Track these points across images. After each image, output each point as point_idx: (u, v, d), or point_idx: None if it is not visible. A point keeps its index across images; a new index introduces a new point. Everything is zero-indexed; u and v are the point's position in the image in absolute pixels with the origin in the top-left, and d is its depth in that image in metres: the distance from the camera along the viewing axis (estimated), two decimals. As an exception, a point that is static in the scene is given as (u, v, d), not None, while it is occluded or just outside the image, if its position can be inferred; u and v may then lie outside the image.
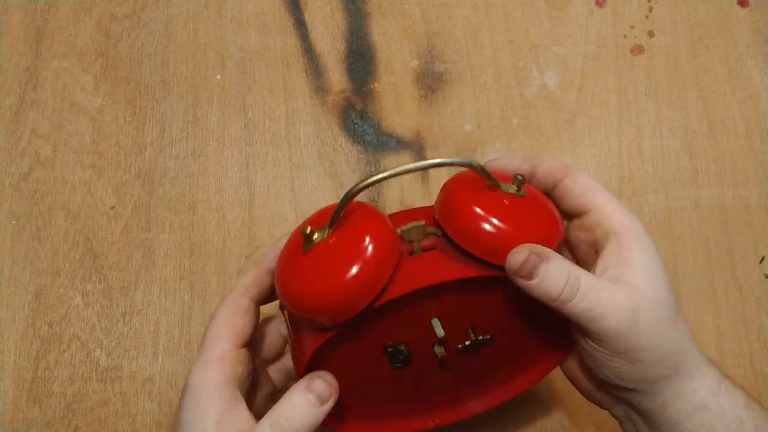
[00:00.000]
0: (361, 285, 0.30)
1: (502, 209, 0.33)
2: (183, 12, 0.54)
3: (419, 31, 0.54)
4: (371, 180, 0.30)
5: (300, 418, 0.32)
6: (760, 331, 0.47)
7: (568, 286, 0.31)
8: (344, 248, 0.31)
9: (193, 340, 0.46)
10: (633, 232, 0.34)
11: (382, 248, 0.31)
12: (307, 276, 0.31)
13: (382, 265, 0.31)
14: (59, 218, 0.49)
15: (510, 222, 0.32)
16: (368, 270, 0.30)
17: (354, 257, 0.30)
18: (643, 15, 0.55)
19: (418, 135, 0.51)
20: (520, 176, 0.34)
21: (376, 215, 0.33)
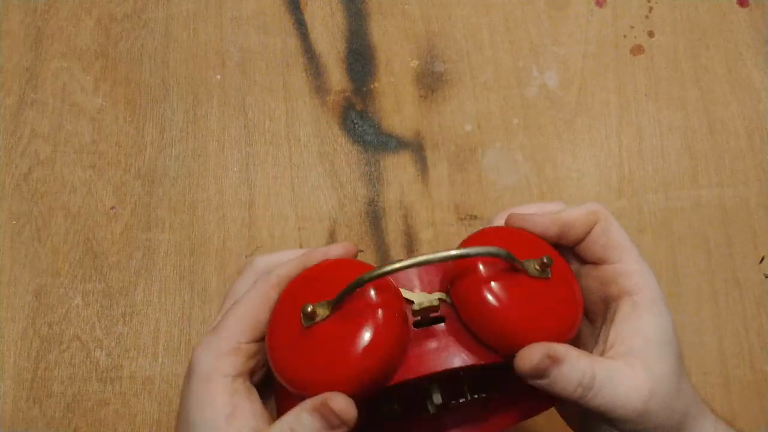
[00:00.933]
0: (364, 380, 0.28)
1: (520, 298, 0.30)
2: (183, 12, 0.54)
3: (419, 31, 0.54)
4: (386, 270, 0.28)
5: None
6: (760, 331, 0.47)
7: (581, 386, 0.30)
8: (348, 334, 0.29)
9: (193, 340, 0.46)
10: (649, 296, 0.32)
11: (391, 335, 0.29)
12: (307, 361, 0.29)
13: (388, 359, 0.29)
14: (59, 218, 0.49)
15: (525, 314, 0.30)
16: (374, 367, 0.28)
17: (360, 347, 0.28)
18: (643, 15, 0.55)
19: (418, 135, 0.51)
20: (547, 259, 0.31)
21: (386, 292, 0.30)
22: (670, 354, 0.32)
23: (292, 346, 0.30)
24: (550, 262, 0.30)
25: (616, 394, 0.30)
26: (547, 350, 0.29)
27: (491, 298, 0.29)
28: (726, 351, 0.47)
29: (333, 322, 0.29)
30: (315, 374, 0.29)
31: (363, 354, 0.28)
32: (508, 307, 0.29)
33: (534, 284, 0.30)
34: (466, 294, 0.30)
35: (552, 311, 0.30)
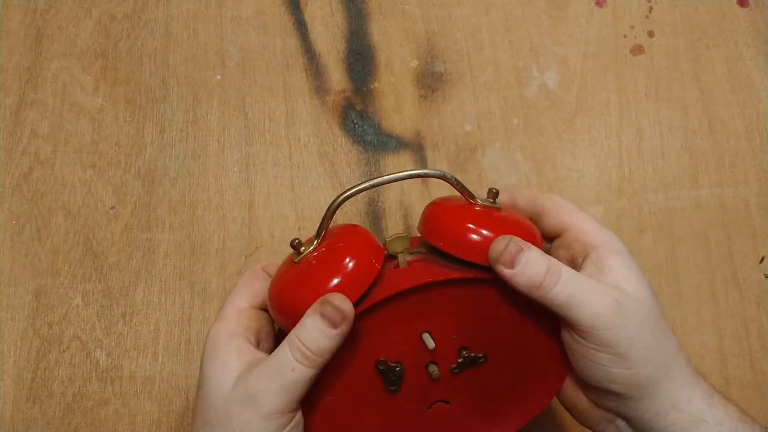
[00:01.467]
0: (342, 288, 0.31)
1: (482, 216, 0.35)
2: (183, 12, 0.54)
3: (419, 31, 0.54)
4: (352, 191, 0.33)
5: (313, 343, 0.31)
6: (760, 331, 0.47)
7: (549, 273, 0.32)
8: (328, 257, 0.33)
9: (193, 340, 0.46)
10: (610, 244, 0.35)
11: (364, 254, 0.32)
12: (293, 285, 0.33)
13: (364, 269, 0.32)
14: (59, 218, 0.49)
15: (490, 225, 0.34)
16: (350, 274, 0.32)
17: (337, 264, 0.32)
18: (643, 15, 0.55)
19: (418, 135, 0.51)
20: (494, 189, 0.36)
21: (362, 231, 0.35)
22: (641, 287, 0.34)
23: (282, 279, 0.34)
24: (497, 191, 0.36)
25: (582, 286, 0.32)
26: (513, 238, 0.33)
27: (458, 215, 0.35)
28: (726, 351, 0.47)
29: (314, 253, 0.34)
30: (295, 295, 0.32)
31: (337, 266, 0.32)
32: (474, 219, 0.34)
33: (490, 210, 0.36)
34: (434, 221, 0.35)
35: (512, 224, 0.35)
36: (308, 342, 0.31)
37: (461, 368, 0.36)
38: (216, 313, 0.47)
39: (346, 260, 0.32)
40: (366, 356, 0.34)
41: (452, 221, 0.35)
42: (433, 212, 0.36)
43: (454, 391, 0.37)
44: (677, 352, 0.34)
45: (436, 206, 0.36)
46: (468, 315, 0.35)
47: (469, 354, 0.35)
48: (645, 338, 0.32)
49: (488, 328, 0.35)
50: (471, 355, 0.35)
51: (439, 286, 0.33)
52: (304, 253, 0.34)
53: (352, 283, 0.32)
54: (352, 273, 0.32)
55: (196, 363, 0.46)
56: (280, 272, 0.35)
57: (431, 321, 0.34)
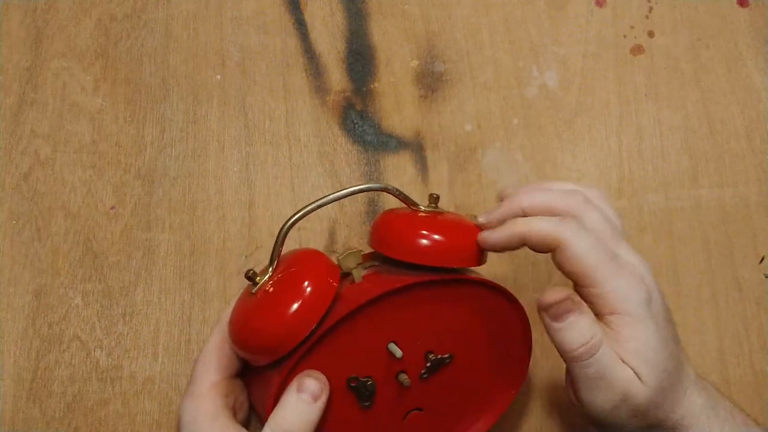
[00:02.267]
0: (302, 311, 0.31)
1: (427, 220, 0.36)
2: (183, 12, 0.54)
3: (419, 31, 0.54)
4: (300, 214, 0.34)
5: (298, 420, 0.31)
6: (760, 331, 0.47)
7: (587, 347, 0.31)
8: (285, 283, 0.32)
9: (192, 340, 0.46)
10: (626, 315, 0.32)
11: (320, 275, 0.32)
12: (254, 317, 0.32)
13: (321, 290, 0.32)
14: (59, 218, 0.49)
15: (435, 227, 0.35)
16: (308, 297, 0.31)
17: (294, 289, 0.32)
18: (643, 15, 0.55)
19: (418, 135, 0.51)
20: (435, 195, 0.37)
21: (315, 253, 0.35)
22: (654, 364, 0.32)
23: (240, 311, 0.34)
24: (438, 197, 0.37)
25: (608, 371, 0.31)
26: (573, 295, 0.31)
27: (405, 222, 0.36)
28: (726, 351, 0.47)
29: (270, 282, 0.33)
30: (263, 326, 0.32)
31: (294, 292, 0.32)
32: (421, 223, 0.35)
33: (433, 214, 0.37)
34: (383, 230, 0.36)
35: (456, 224, 0.36)
36: (294, 420, 0.31)
37: (430, 372, 0.36)
38: (215, 318, 0.47)
39: (303, 284, 0.32)
40: (337, 376, 0.34)
41: (399, 228, 0.35)
42: (380, 222, 0.37)
43: (427, 397, 0.37)
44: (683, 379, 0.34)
45: (383, 217, 0.38)
46: (429, 318, 0.35)
47: (436, 356, 0.35)
48: (656, 402, 0.32)
49: (450, 329, 0.36)
50: (438, 357, 0.35)
51: (395, 294, 0.33)
52: (260, 282, 0.34)
53: (312, 306, 0.32)
54: (310, 296, 0.32)
55: (196, 363, 0.46)
56: (239, 306, 0.35)
57: (395, 330, 0.34)
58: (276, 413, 0.32)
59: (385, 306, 0.33)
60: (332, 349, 0.33)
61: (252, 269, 0.34)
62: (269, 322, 0.32)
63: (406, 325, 0.35)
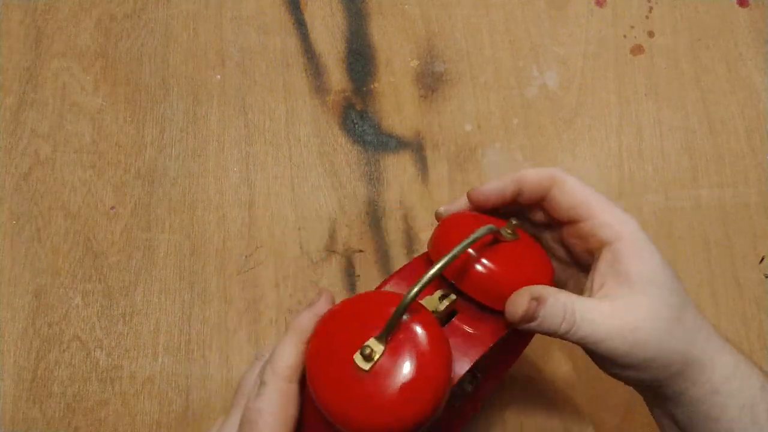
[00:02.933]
0: (437, 397, 0.29)
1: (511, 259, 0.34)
2: (183, 12, 0.54)
3: (419, 31, 0.54)
4: (421, 284, 0.29)
5: None
6: (760, 331, 0.47)
7: (565, 321, 0.32)
8: (406, 364, 0.29)
9: (192, 340, 0.46)
10: (629, 240, 0.34)
11: (444, 356, 0.30)
12: (378, 400, 0.29)
13: (447, 372, 0.30)
14: (59, 218, 0.49)
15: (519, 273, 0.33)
16: (439, 382, 0.29)
17: (422, 372, 0.29)
18: (643, 15, 0.55)
19: (418, 135, 0.51)
20: (515, 221, 0.35)
21: (421, 313, 0.31)
22: (657, 291, 0.33)
23: (348, 388, 0.29)
24: (518, 224, 0.35)
25: (595, 328, 0.32)
26: (531, 293, 0.32)
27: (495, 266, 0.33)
28: (726, 351, 0.47)
29: (386, 359, 0.29)
30: (394, 414, 0.28)
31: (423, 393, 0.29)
32: (507, 269, 0.33)
33: (512, 246, 0.34)
34: (475, 274, 0.33)
35: (536, 261, 0.35)
36: None
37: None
38: (215, 319, 0.47)
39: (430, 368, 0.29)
40: None
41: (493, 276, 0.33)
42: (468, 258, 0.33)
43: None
44: (699, 339, 0.34)
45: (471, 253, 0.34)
46: None
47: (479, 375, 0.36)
48: (663, 352, 0.33)
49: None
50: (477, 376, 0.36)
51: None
52: (375, 360, 0.29)
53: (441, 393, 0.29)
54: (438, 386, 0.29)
55: (196, 363, 0.46)
56: (343, 384, 0.30)
57: None
58: None
59: None
60: None
61: (369, 347, 0.29)
62: (404, 409, 0.28)
63: None
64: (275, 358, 0.32)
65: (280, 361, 0.32)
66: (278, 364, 0.31)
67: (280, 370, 0.31)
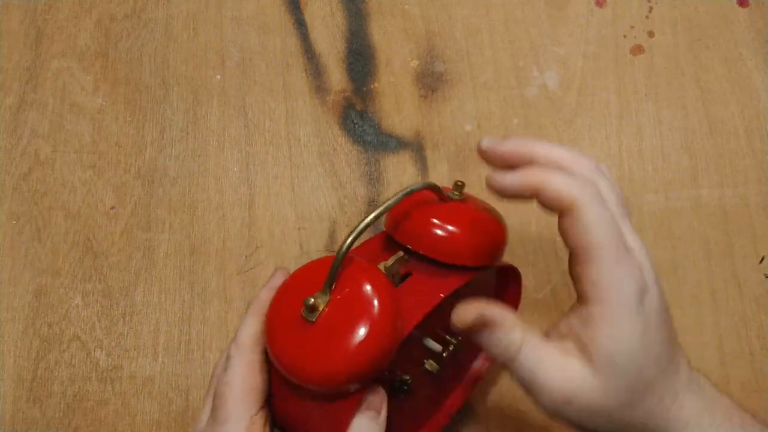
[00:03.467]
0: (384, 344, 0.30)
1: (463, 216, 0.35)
2: (183, 12, 0.54)
3: (419, 31, 0.54)
4: (355, 233, 0.32)
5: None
6: (760, 331, 0.47)
7: (507, 354, 0.31)
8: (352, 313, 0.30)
9: (193, 340, 0.46)
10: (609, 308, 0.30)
11: (388, 303, 0.30)
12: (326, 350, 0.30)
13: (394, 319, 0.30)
14: (59, 218, 0.49)
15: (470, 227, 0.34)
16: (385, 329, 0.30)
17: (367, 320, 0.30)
18: (643, 15, 0.55)
19: (418, 135, 0.51)
20: (460, 182, 0.36)
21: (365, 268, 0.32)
22: (616, 374, 0.30)
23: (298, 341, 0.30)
24: (463, 184, 0.36)
25: (536, 375, 0.30)
26: (483, 312, 0.31)
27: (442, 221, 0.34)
28: (726, 351, 0.47)
29: (332, 310, 0.30)
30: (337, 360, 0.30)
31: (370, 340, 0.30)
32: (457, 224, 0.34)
33: (461, 205, 0.36)
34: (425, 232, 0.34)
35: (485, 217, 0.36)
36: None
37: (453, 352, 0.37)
38: (215, 319, 0.47)
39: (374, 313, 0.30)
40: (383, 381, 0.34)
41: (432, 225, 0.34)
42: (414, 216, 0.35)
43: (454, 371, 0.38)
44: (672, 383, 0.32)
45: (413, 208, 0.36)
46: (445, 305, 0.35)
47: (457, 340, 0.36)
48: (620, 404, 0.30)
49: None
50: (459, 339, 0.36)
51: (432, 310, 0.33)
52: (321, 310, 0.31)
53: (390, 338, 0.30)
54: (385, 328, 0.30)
55: (196, 363, 0.46)
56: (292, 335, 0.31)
57: (425, 326, 0.34)
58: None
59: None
60: None
61: (312, 298, 0.30)
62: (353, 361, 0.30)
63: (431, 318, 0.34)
64: (238, 334, 0.34)
65: (242, 335, 0.34)
66: (241, 338, 0.34)
67: (242, 343, 0.33)
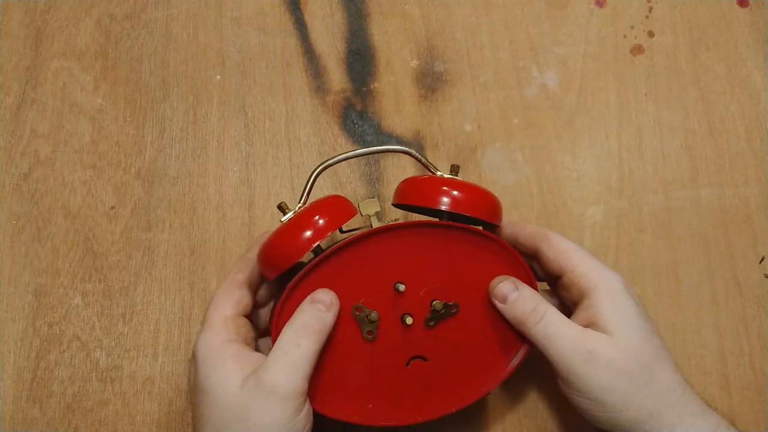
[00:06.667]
0: (316, 229, 0.36)
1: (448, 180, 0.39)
2: (183, 12, 0.54)
3: (419, 31, 0.54)
4: (327, 163, 0.39)
5: (314, 320, 0.35)
6: (760, 331, 0.47)
7: (533, 313, 0.36)
8: (305, 213, 0.37)
9: (192, 340, 0.46)
10: (605, 288, 0.37)
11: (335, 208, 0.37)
12: (285, 235, 0.37)
13: (344, 209, 0.37)
14: (59, 218, 0.49)
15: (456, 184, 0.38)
16: (334, 213, 0.37)
17: (310, 215, 0.37)
18: (643, 15, 0.55)
19: (418, 135, 0.51)
20: (456, 165, 0.40)
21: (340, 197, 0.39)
22: (628, 333, 0.35)
23: (274, 235, 0.37)
24: (458, 166, 0.40)
25: (560, 329, 0.35)
26: (512, 279, 0.37)
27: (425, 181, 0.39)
28: (726, 351, 0.47)
29: (298, 214, 0.37)
30: (293, 239, 0.36)
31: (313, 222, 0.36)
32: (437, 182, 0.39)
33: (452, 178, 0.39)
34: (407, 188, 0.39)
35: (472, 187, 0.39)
36: (308, 319, 0.35)
37: (436, 320, 0.38)
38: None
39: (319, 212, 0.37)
40: (343, 301, 0.37)
41: (420, 182, 0.39)
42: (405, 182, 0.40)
43: (431, 347, 0.39)
44: (670, 392, 0.35)
45: (407, 179, 0.41)
46: (437, 267, 0.38)
47: (441, 303, 0.38)
48: (621, 386, 0.34)
49: (457, 282, 0.38)
50: (443, 304, 0.38)
51: (404, 229, 0.37)
52: (288, 214, 0.38)
53: (321, 228, 0.36)
54: (323, 222, 0.36)
55: (196, 363, 0.46)
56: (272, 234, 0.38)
57: (403, 271, 0.38)
58: (294, 318, 0.35)
59: (393, 237, 0.37)
60: (340, 271, 0.37)
61: (284, 202, 0.38)
62: (286, 238, 0.36)
63: (415, 268, 0.38)
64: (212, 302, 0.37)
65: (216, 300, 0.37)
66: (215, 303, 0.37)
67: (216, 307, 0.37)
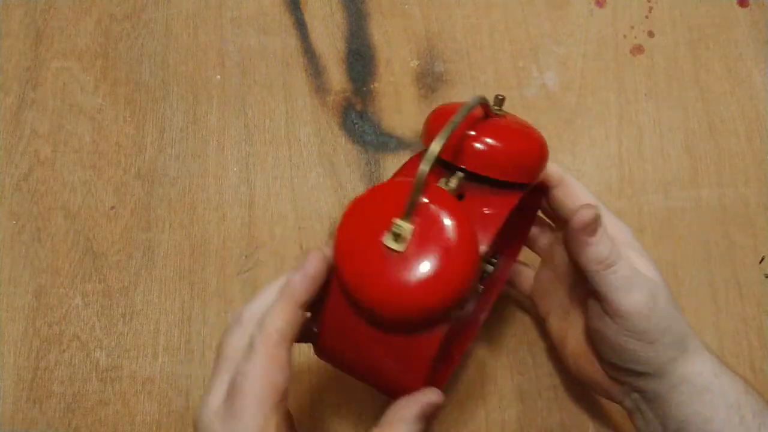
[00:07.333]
0: (469, 270, 0.30)
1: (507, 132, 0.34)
2: (183, 12, 0.54)
3: (419, 31, 0.54)
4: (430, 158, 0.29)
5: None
6: (760, 331, 0.47)
7: (609, 257, 0.34)
8: (438, 242, 0.29)
9: (192, 340, 0.46)
10: (624, 238, 0.37)
11: (469, 230, 0.30)
12: (417, 279, 0.29)
13: (476, 245, 0.30)
14: (59, 218, 0.49)
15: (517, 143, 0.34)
16: (470, 256, 0.30)
17: (455, 248, 0.29)
18: (643, 15, 0.55)
19: (418, 135, 0.51)
20: (501, 96, 0.36)
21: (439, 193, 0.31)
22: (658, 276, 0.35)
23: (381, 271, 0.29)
24: (503, 98, 0.36)
25: (635, 270, 0.34)
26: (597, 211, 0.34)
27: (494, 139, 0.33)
28: (726, 351, 0.47)
29: (417, 238, 0.29)
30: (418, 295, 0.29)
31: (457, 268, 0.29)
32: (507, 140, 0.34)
33: (503, 121, 0.35)
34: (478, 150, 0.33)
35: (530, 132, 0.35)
36: None
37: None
38: (215, 318, 0.47)
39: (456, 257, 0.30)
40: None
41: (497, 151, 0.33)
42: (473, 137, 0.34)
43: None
44: (688, 329, 0.36)
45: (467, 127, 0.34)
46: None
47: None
48: (672, 324, 0.34)
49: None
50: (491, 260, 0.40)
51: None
52: (406, 239, 0.30)
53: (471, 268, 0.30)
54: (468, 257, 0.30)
55: (196, 363, 0.46)
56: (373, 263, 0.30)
57: None
58: None
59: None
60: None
61: (399, 226, 0.29)
62: (443, 285, 0.29)
63: None
64: (266, 323, 0.30)
65: (270, 324, 0.30)
66: (269, 329, 0.30)
67: (269, 334, 0.30)
